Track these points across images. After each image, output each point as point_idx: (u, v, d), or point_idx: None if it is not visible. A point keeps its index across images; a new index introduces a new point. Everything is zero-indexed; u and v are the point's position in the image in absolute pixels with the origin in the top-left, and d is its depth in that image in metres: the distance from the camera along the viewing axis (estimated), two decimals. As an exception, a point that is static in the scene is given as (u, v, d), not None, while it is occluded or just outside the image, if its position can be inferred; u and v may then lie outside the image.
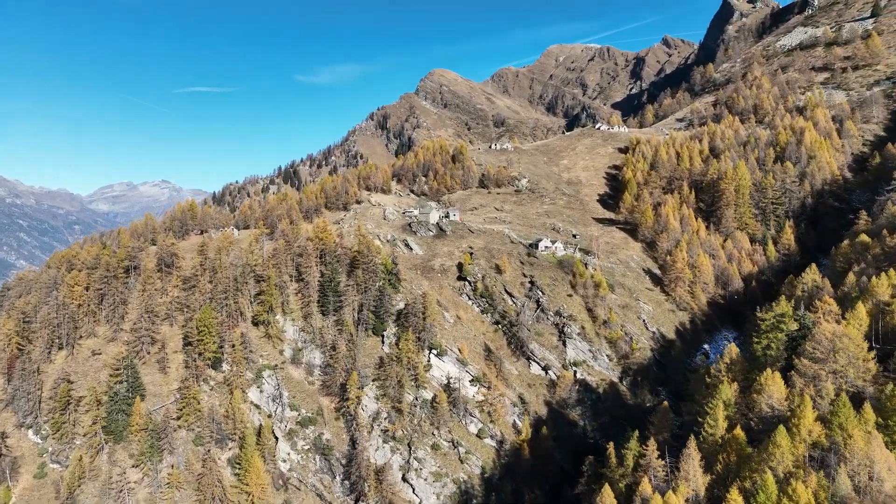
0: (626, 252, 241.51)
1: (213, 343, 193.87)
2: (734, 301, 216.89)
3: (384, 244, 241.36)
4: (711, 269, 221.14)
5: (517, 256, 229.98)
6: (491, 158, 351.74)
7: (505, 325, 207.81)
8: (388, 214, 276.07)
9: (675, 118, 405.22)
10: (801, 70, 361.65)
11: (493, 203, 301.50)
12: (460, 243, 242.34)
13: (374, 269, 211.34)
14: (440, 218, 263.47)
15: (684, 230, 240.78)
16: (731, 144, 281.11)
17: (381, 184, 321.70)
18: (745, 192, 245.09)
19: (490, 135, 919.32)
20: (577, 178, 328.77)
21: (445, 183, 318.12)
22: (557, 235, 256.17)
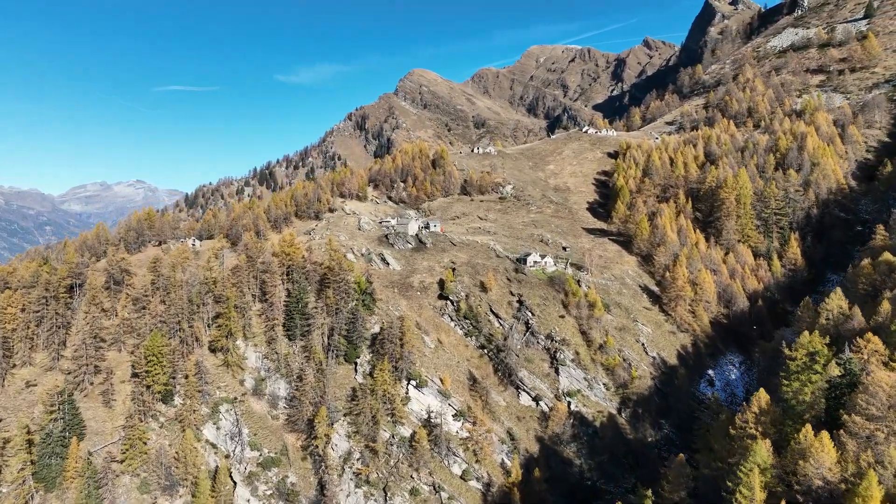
0: (621, 267, 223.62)
1: (164, 374, 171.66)
2: (738, 321, 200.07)
3: (358, 258, 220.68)
4: (714, 286, 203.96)
5: (503, 272, 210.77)
6: (473, 163, 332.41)
7: (491, 350, 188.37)
8: (364, 224, 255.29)
9: (664, 121, 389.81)
10: (796, 72, 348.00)
11: (476, 211, 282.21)
12: (441, 257, 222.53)
13: (347, 289, 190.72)
14: (420, 229, 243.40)
15: (683, 243, 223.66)
16: (729, 150, 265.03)
17: (357, 190, 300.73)
18: (746, 201, 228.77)
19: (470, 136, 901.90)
20: (564, 185, 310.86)
21: (425, 189, 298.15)
22: (546, 248, 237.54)
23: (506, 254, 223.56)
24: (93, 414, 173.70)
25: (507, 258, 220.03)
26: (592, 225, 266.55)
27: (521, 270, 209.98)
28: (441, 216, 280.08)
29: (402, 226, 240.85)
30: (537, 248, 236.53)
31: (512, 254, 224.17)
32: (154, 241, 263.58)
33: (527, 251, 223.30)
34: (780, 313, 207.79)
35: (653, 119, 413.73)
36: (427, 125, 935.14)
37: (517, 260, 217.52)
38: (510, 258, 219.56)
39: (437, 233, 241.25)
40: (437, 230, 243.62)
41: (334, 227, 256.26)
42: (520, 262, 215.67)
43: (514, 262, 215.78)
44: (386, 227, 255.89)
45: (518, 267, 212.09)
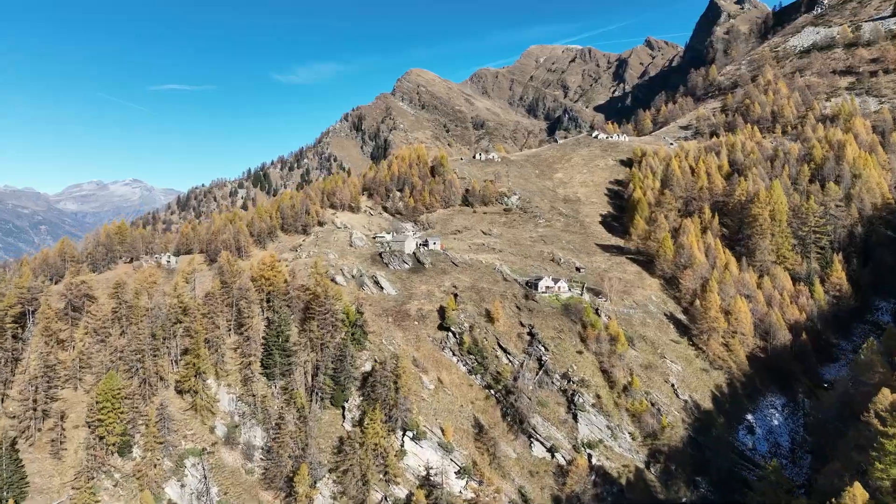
0: (643, 292, 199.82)
1: (119, 422, 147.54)
2: (778, 356, 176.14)
3: (348, 281, 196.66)
4: (749, 315, 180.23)
5: (512, 299, 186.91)
6: (475, 171, 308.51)
7: (499, 392, 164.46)
8: (356, 240, 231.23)
9: (679, 125, 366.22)
10: (822, 74, 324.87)
11: (479, 225, 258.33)
12: (442, 280, 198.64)
13: (334, 320, 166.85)
14: (417, 246, 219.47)
15: (712, 265, 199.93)
16: (757, 159, 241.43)
17: (349, 200, 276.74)
18: (782, 218, 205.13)
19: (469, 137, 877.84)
20: (574, 195, 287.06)
21: (423, 200, 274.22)
22: (558, 269, 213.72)
23: (514, 276, 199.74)
24: (38, 467, 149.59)
25: (516, 282, 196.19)
26: (607, 241, 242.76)
27: (531, 297, 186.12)
28: (441, 230, 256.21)
29: (398, 243, 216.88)
30: (548, 268, 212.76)
31: (521, 276, 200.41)
32: (126, 257, 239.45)
33: (538, 274, 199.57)
34: (823, 345, 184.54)
35: (665, 123, 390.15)
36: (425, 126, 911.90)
37: (527, 284, 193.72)
38: (519, 282, 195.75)
39: (436, 251, 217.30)
40: (437, 247, 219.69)
41: (323, 242, 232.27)
42: (530, 286, 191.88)
43: (524, 287, 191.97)
44: (380, 243, 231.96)
45: (528, 293, 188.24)
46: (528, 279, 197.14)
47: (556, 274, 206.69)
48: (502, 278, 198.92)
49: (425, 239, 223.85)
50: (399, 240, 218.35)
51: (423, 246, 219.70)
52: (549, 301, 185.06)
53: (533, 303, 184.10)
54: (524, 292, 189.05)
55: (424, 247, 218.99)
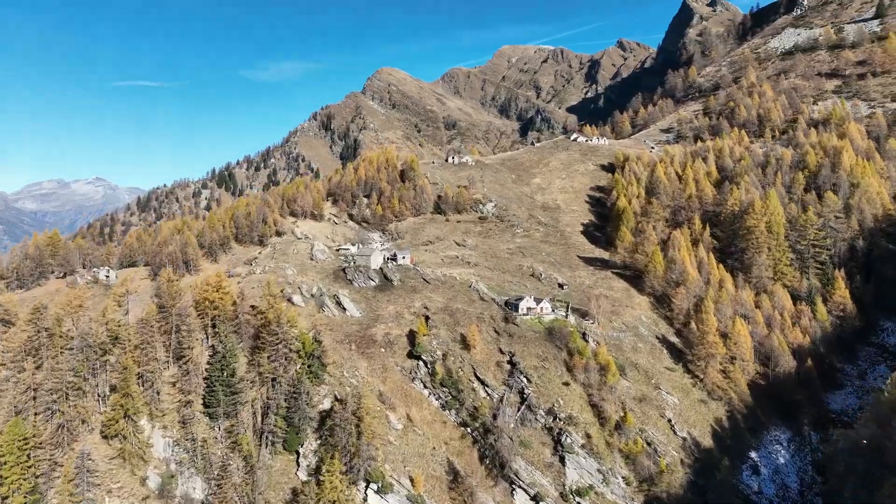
0: (632, 311, 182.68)
1: (27, 479, 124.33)
2: (781, 384, 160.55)
3: (307, 301, 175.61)
4: (749, 339, 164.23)
5: (490, 322, 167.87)
6: (448, 175, 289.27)
7: (476, 430, 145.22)
8: (317, 253, 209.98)
9: (659, 128, 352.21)
10: (807, 76, 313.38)
11: (452, 235, 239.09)
12: (412, 300, 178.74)
13: (288, 350, 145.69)
14: (385, 261, 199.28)
15: (705, 280, 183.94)
16: (748, 166, 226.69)
17: (312, 207, 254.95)
18: (779, 231, 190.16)
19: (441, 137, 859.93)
20: (553, 202, 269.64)
21: (392, 207, 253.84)
22: (539, 286, 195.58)
23: (491, 295, 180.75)
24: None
25: (494, 302, 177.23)
26: (590, 253, 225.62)
27: (511, 319, 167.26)
28: (411, 241, 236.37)
29: (364, 257, 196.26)
30: (528, 285, 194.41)
31: (499, 295, 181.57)
32: (59, 271, 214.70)
33: (518, 293, 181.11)
34: (826, 370, 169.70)
35: (644, 125, 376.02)
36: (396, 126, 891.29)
37: (506, 304, 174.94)
38: (497, 302, 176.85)
39: (406, 266, 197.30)
40: (407, 262, 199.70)
41: (281, 256, 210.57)
42: (510, 307, 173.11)
43: (503, 308, 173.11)
44: (344, 256, 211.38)
45: (508, 314, 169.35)
46: (507, 298, 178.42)
47: (536, 291, 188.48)
48: (479, 298, 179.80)
49: (394, 252, 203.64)
50: (364, 253, 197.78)
51: (392, 260, 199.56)
52: (531, 324, 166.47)
53: (513, 326, 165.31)
54: (503, 314, 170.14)
55: (393, 261, 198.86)
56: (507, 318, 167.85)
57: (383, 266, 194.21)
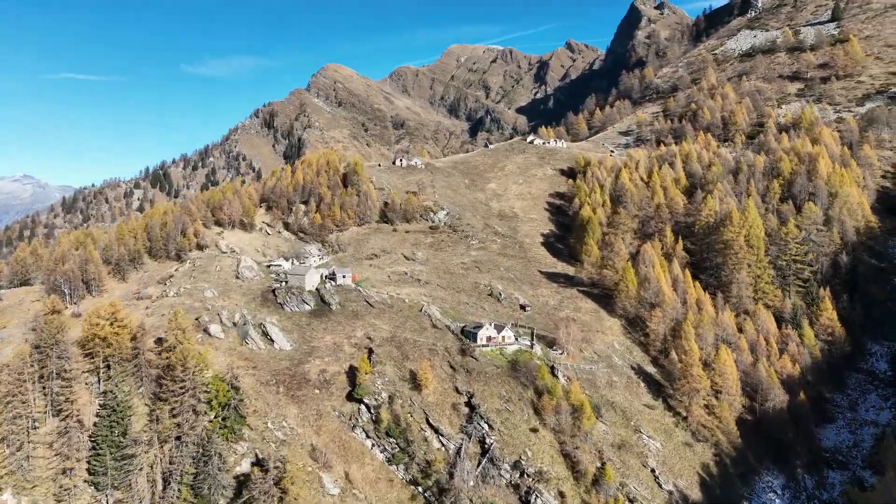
0: (604, 337, 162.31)
1: None
2: (772, 422, 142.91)
3: (228, 331, 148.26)
4: (736, 370, 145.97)
5: (444, 355, 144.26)
6: (395, 179, 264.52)
7: (430, 490, 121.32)
8: (244, 270, 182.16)
9: (617, 130, 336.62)
10: (768, 78, 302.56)
11: (400, 247, 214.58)
12: (353, 328, 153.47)
13: (196, 401, 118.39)
14: (323, 280, 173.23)
15: (682, 301, 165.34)
16: (720, 174, 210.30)
17: (241, 215, 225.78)
18: (759, 245, 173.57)
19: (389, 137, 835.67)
20: (511, 210, 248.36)
21: (333, 216, 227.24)
22: (498, 308, 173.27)
23: (446, 322, 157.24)
24: None
25: (449, 330, 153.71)
26: (552, 267, 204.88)
27: (469, 352, 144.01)
28: (354, 254, 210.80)
29: (298, 276, 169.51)
30: (486, 307, 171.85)
31: (454, 321, 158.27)
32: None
33: (475, 319, 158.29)
34: (815, 400, 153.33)
35: (601, 127, 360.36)
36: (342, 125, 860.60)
37: (463, 333, 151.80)
38: (452, 330, 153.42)
39: (347, 286, 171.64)
40: (348, 281, 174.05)
41: (201, 274, 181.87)
42: (467, 336, 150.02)
43: (459, 338, 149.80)
44: (276, 273, 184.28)
45: (465, 346, 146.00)
46: (463, 325, 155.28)
47: (496, 315, 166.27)
48: (431, 325, 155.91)
49: (332, 270, 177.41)
50: (298, 272, 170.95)
51: (330, 280, 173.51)
52: (492, 357, 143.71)
53: (471, 360, 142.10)
54: (460, 345, 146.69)
55: (331, 281, 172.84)
56: (465, 349, 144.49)
57: (320, 287, 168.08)
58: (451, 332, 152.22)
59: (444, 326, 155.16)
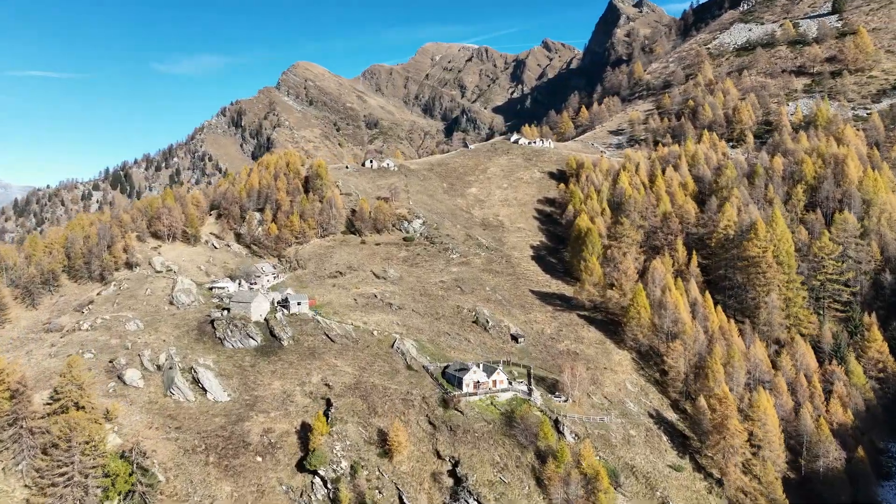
0: (614, 376, 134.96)
1: None
2: (824, 482, 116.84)
3: (149, 378, 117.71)
4: (777, 419, 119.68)
5: (422, 407, 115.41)
6: (365, 183, 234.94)
7: None
8: (180, 294, 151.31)
9: (608, 129, 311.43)
10: (772, 73, 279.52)
11: (369, 262, 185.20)
12: (309, 370, 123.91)
13: (84, 494, 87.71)
14: (274, 307, 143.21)
15: (704, 330, 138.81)
16: (734, 178, 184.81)
17: (184, 225, 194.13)
18: (790, 263, 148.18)
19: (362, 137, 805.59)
20: (495, 218, 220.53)
21: (292, 226, 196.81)
22: (485, 338, 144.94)
23: (423, 361, 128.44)
24: None
25: (427, 373, 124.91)
26: (546, 286, 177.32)
27: (453, 402, 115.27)
28: (315, 271, 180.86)
29: (242, 304, 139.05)
30: (472, 339, 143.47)
31: (434, 360, 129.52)
32: None
33: (460, 359, 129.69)
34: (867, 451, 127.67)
35: (589, 126, 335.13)
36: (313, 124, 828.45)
37: (445, 376, 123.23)
38: (431, 373, 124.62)
39: (303, 315, 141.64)
40: (304, 308, 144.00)
41: (127, 299, 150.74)
42: (450, 380, 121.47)
43: (440, 384, 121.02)
44: (219, 298, 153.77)
45: (447, 394, 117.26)
46: (445, 365, 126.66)
47: (483, 349, 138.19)
48: (405, 365, 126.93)
49: (286, 294, 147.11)
50: (243, 299, 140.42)
51: (283, 306, 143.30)
52: (482, 409, 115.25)
53: (456, 414, 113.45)
54: (441, 393, 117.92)
55: (284, 308, 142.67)
56: (447, 400, 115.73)
57: (270, 317, 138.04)
58: (430, 376, 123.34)
59: (420, 367, 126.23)
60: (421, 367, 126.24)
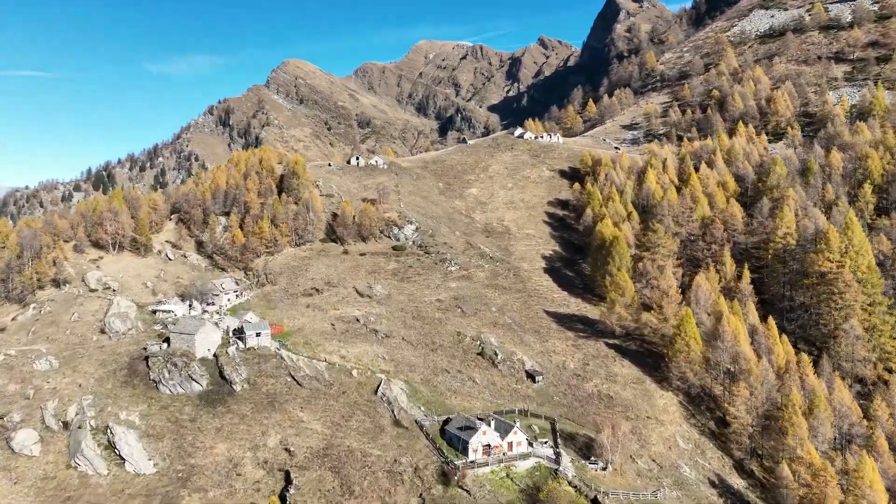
0: (661, 429, 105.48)
1: None
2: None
3: (52, 438, 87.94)
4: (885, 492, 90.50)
5: (413, 484, 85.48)
6: (350, 183, 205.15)
7: None
8: (113, 320, 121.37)
9: (619, 124, 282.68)
10: (806, 60, 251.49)
11: (352, 277, 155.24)
12: (265, 427, 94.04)
13: None
14: (227, 339, 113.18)
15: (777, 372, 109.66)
16: (782, 176, 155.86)
17: (135, 231, 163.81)
18: (875, 282, 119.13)
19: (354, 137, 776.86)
20: (500, 223, 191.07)
21: (261, 232, 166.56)
22: (494, 375, 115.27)
23: (415, 412, 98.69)
24: None
25: (420, 430, 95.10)
26: (563, 305, 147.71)
27: (456, 478, 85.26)
28: (287, 287, 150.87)
29: (184, 336, 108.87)
30: (477, 378, 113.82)
31: (429, 411, 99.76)
32: None
33: (464, 410, 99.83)
34: None
35: (599, 121, 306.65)
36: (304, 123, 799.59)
37: (444, 435, 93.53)
38: (426, 431, 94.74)
39: (263, 349, 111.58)
40: (266, 340, 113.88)
41: (46, 327, 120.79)
42: (451, 441, 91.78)
43: (437, 448, 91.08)
44: (163, 324, 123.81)
45: (448, 464, 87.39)
46: (445, 420, 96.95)
47: (492, 391, 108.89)
48: (391, 419, 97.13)
49: (241, 323, 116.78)
50: (186, 329, 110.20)
51: (238, 338, 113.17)
52: (495, 485, 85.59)
53: (460, 494, 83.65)
54: (439, 462, 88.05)
55: (239, 339, 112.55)
56: (448, 472, 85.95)
57: (221, 352, 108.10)
58: (425, 436, 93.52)
59: (412, 422, 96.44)
60: (413, 421, 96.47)
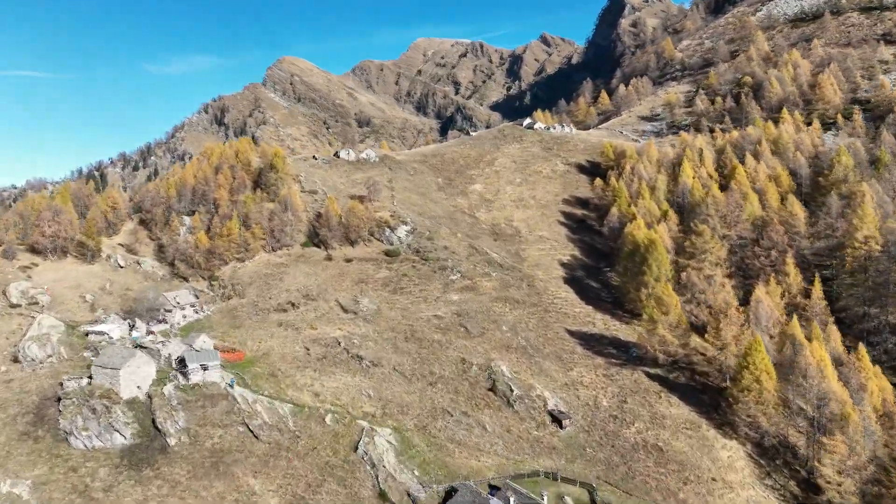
0: (730, 495, 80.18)
1: None
2: None
3: None
4: None
5: None
6: (337, 178, 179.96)
7: None
8: (30, 345, 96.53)
9: (637, 115, 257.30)
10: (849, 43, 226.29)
11: (335, 288, 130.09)
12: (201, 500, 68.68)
13: None
14: (166, 374, 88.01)
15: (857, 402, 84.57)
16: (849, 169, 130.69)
17: (81, 233, 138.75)
18: None
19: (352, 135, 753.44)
20: (508, 224, 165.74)
21: (230, 234, 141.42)
22: (507, 419, 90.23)
23: (405, 479, 73.39)
24: None
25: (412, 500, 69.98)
26: (588, 323, 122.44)
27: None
28: (257, 301, 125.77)
29: (107, 371, 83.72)
30: (487, 421, 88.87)
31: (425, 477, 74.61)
32: None
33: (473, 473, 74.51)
34: None
35: (614, 113, 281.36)
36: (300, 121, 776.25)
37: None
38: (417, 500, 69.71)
39: (210, 385, 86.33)
40: (215, 375, 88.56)
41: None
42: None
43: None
44: (93, 350, 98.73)
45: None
46: (448, 490, 71.87)
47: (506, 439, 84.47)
48: (375, 491, 71.80)
49: (183, 352, 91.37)
50: (110, 362, 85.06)
51: (180, 371, 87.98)
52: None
53: None
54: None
55: (181, 374, 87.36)
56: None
57: (154, 392, 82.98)
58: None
59: (402, 495, 71.23)
60: (404, 493, 71.32)
